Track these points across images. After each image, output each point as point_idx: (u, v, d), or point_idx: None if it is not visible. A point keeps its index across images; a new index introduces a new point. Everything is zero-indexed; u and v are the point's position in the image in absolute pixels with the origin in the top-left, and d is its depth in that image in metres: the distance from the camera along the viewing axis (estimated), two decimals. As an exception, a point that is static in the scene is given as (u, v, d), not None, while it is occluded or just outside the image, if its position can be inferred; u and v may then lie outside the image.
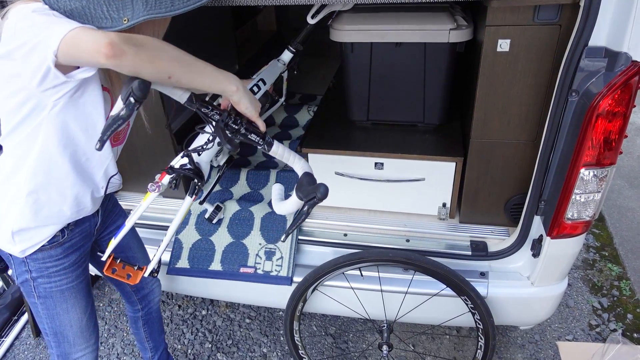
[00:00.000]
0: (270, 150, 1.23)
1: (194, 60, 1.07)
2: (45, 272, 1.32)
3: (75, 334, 1.45)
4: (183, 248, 1.95)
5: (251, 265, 1.87)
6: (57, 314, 1.39)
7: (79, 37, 0.95)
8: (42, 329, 1.44)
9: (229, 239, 1.94)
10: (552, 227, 1.56)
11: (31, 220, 1.23)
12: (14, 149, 1.18)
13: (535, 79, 1.53)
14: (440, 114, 1.95)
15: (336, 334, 2.35)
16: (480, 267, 1.80)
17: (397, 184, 1.89)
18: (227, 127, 1.18)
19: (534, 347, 2.24)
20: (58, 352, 1.46)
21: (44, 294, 1.35)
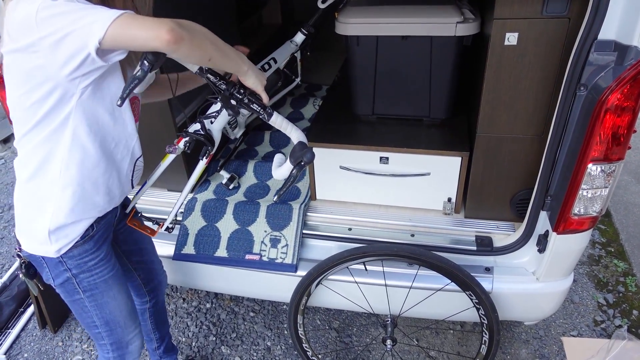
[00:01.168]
0: (270, 119, 1.31)
1: (222, 42, 1.13)
2: (85, 267, 1.32)
3: (126, 317, 1.48)
4: (189, 234, 1.96)
5: (256, 252, 1.88)
6: (106, 302, 1.40)
7: (132, 23, 0.96)
8: (88, 324, 1.44)
9: (235, 225, 1.95)
10: (558, 223, 1.55)
11: (68, 216, 1.22)
12: (38, 147, 1.15)
13: (543, 73, 1.51)
14: (446, 108, 1.93)
15: (340, 328, 2.35)
16: (486, 262, 1.79)
17: (402, 179, 1.88)
18: (232, 96, 1.30)
19: (538, 342, 2.23)
20: (112, 340, 1.48)
21: (89, 287, 1.35)
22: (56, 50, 0.98)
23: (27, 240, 1.28)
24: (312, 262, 1.80)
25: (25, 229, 1.27)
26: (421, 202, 1.94)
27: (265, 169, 2.24)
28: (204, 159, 1.60)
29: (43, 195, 1.20)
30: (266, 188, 2.17)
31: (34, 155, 1.17)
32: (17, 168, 1.23)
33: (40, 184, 1.19)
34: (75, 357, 2.28)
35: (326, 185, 2.01)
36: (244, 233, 1.93)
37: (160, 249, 1.93)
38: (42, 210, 1.21)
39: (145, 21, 0.97)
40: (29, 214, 1.25)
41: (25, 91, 1.07)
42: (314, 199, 2.06)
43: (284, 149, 2.44)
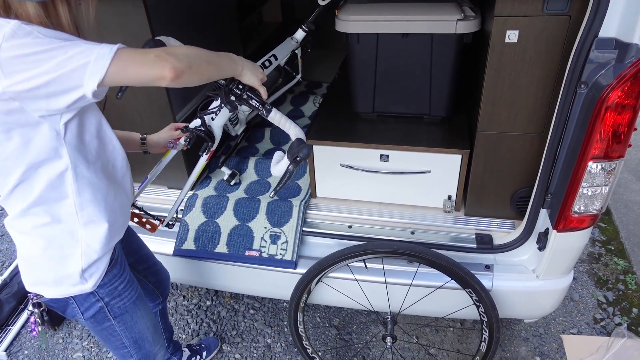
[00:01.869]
0: (268, 115, 1.31)
1: (213, 55, 1.13)
2: (116, 292, 1.31)
3: (152, 332, 1.49)
4: (189, 230, 1.96)
5: (256, 249, 1.88)
6: (135, 323, 1.40)
7: (131, 62, 0.95)
8: (116, 347, 1.43)
9: (235, 221, 1.95)
10: (558, 221, 1.55)
11: (99, 251, 1.21)
12: (40, 199, 1.10)
13: (543, 71, 1.51)
14: (446, 106, 1.93)
15: (340, 326, 2.35)
16: (486, 260, 1.79)
17: (402, 176, 1.88)
18: (231, 92, 1.31)
19: (538, 340, 2.24)
20: (140, 355, 1.48)
21: (119, 312, 1.34)
22: (36, 97, 0.92)
23: (54, 288, 1.23)
24: (312, 260, 1.80)
25: (47, 278, 1.22)
26: (421, 199, 1.94)
27: (266, 166, 2.24)
28: (205, 155, 1.63)
29: (64, 241, 1.17)
30: (267, 185, 2.17)
31: (38, 208, 1.11)
32: (13, 225, 1.17)
33: (54, 232, 1.15)
34: (76, 354, 2.29)
35: (326, 182, 2.01)
36: (244, 229, 1.93)
37: (161, 247, 1.94)
38: (69, 255, 1.18)
39: (144, 60, 0.96)
40: (49, 264, 1.20)
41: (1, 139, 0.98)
42: (314, 197, 2.06)
43: (284, 145, 2.44)
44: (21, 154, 1.02)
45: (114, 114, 1.96)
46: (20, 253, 1.21)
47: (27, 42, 0.89)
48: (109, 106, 1.81)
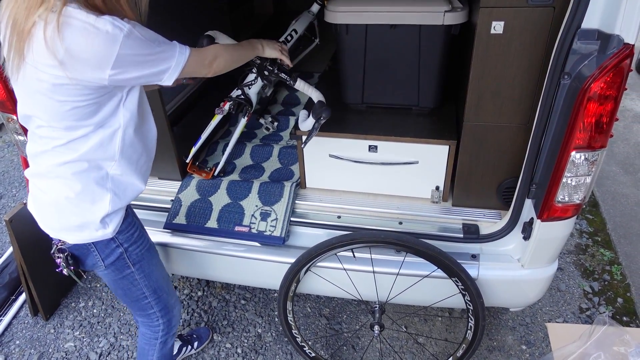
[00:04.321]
0: (295, 84, 1.78)
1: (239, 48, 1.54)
2: (133, 239, 1.42)
3: (168, 283, 1.62)
4: (182, 205, 2.02)
5: (246, 225, 1.92)
6: (152, 271, 1.51)
7: (193, 68, 1.27)
8: (137, 297, 1.52)
9: (227, 199, 2.00)
10: (542, 210, 1.58)
11: (123, 201, 1.35)
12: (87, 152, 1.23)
13: (528, 62, 1.53)
14: (434, 97, 1.95)
15: (330, 316, 2.38)
16: (472, 249, 1.82)
17: (390, 167, 1.90)
18: (265, 68, 1.79)
19: (524, 329, 2.27)
20: (160, 307, 1.59)
21: (137, 258, 1.45)
22: (124, 82, 1.16)
23: (77, 233, 1.33)
24: (302, 249, 1.81)
25: (72, 223, 1.32)
26: (409, 190, 1.96)
27: (261, 152, 2.31)
28: (244, 117, 2.07)
29: (96, 188, 1.29)
30: (261, 169, 2.22)
31: (84, 159, 1.24)
32: (51, 171, 1.27)
33: (90, 178, 1.28)
34: (67, 344, 2.30)
35: (316, 173, 2.03)
36: (236, 207, 1.97)
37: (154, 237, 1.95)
38: (99, 200, 1.30)
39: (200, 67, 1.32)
40: (79, 208, 1.30)
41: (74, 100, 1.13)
42: (303, 187, 2.08)
43: (282, 132, 2.51)
44: (93, 115, 1.19)
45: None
46: (50, 199, 1.31)
47: (137, 44, 1.11)
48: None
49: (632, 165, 3.37)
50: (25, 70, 1.10)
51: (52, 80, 1.08)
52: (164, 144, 2.04)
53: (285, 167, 2.22)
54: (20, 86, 1.16)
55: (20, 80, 1.13)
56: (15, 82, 1.16)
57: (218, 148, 2.38)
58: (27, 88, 1.14)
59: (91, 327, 2.37)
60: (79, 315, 2.43)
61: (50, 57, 1.04)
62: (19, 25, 1.05)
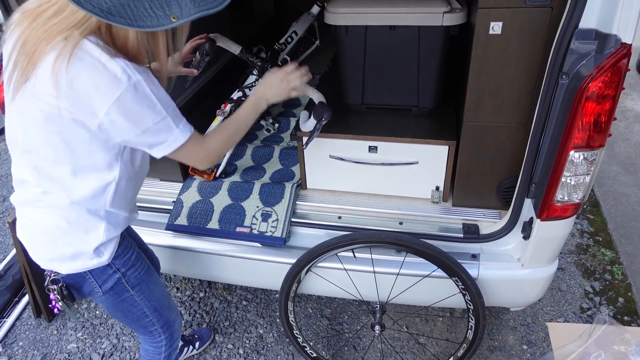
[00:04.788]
0: None
1: (240, 120, 1.39)
2: (130, 262, 1.38)
3: (168, 299, 1.60)
4: (183, 207, 2.03)
5: (247, 225, 1.93)
6: (152, 290, 1.48)
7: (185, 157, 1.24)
8: (138, 317, 1.49)
9: (228, 201, 2.02)
10: (542, 210, 1.58)
11: (115, 231, 1.32)
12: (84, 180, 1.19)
13: (527, 62, 1.54)
14: (434, 98, 1.96)
15: (331, 316, 2.38)
16: (472, 249, 1.82)
17: (390, 168, 1.91)
18: (266, 69, 1.83)
19: (525, 329, 2.27)
20: (162, 323, 1.57)
21: (136, 281, 1.41)
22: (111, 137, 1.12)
23: (70, 263, 1.29)
24: (302, 250, 1.82)
25: (65, 253, 1.27)
26: (409, 190, 1.97)
27: (262, 153, 2.32)
28: None
29: (90, 218, 1.25)
30: (262, 170, 2.23)
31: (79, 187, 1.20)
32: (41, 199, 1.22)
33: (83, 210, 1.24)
34: (70, 345, 2.31)
35: (316, 174, 2.04)
36: (237, 208, 1.99)
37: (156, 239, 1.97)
38: (92, 230, 1.27)
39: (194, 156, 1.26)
40: (71, 238, 1.26)
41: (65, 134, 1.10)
42: (304, 188, 2.09)
43: (283, 133, 2.51)
44: (84, 158, 1.15)
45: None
46: (41, 228, 1.26)
47: (140, 99, 1.05)
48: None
49: (633, 165, 3.37)
50: (25, 93, 1.06)
51: (48, 109, 1.05)
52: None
53: (286, 168, 2.24)
54: (14, 106, 1.12)
55: (17, 101, 1.09)
56: (10, 100, 1.12)
57: None
58: (22, 111, 1.10)
59: (94, 328, 2.38)
60: (81, 317, 2.44)
61: (52, 86, 1.01)
62: (29, 47, 1.02)
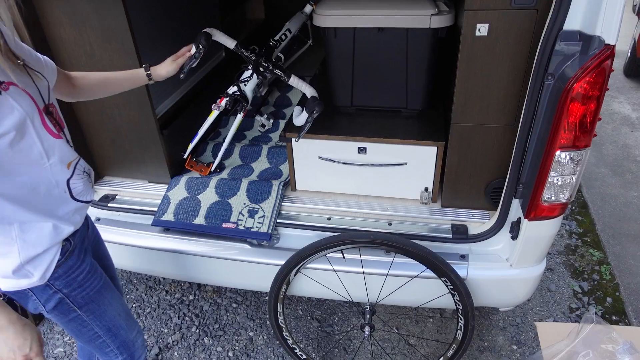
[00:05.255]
0: (289, 80, 1.88)
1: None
2: (75, 283, 1.30)
3: (125, 318, 1.49)
4: (170, 203, 2.02)
5: (233, 221, 1.94)
6: (104, 311, 1.39)
7: None
8: (90, 337, 1.42)
9: (215, 197, 2.02)
10: (529, 210, 1.59)
11: (37, 248, 1.20)
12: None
13: (513, 63, 1.55)
14: (423, 99, 1.97)
15: (322, 318, 2.38)
16: (461, 249, 1.83)
17: (380, 169, 1.91)
18: (260, 64, 1.93)
19: (515, 329, 2.29)
20: (118, 343, 1.48)
21: (84, 301, 1.33)
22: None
23: (3, 280, 1.21)
24: (292, 251, 1.82)
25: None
26: (399, 191, 1.98)
27: (250, 152, 2.32)
28: (241, 113, 2.10)
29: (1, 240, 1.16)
30: (250, 169, 2.24)
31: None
32: None
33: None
34: (57, 350, 2.28)
35: (305, 175, 2.04)
36: (224, 205, 1.99)
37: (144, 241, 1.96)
38: (7, 252, 1.17)
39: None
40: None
41: None
42: (293, 189, 2.09)
43: (272, 133, 2.52)
44: None
45: (93, 109, 1.98)
46: None
47: None
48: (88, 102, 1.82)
49: (620, 166, 3.41)
50: None
51: None
52: (153, 147, 2.05)
53: (274, 167, 2.24)
54: None
55: None
56: None
57: (208, 149, 2.38)
58: None
59: (81, 332, 2.36)
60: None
61: None
62: None
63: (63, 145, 1.23)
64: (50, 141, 1.18)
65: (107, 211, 2.09)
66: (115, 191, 2.15)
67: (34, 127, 1.12)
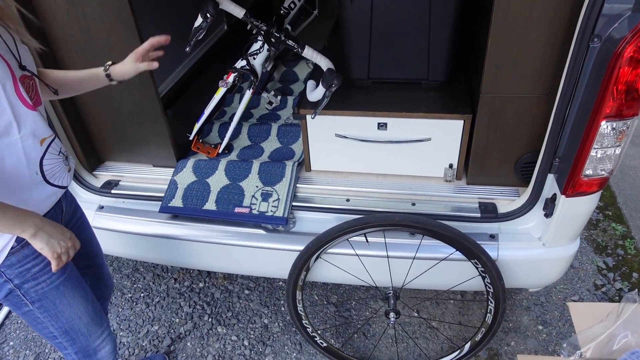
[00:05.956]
0: (303, 52, 1.71)
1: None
2: (29, 275, 1.19)
3: (88, 323, 1.36)
4: (178, 188, 1.90)
5: (246, 206, 1.82)
6: (60, 311, 1.28)
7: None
8: (46, 335, 1.32)
9: (226, 181, 1.90)
10: (567, 185, 1.49)
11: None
12: None
13: (551, 26, 1.41)
14: (446, 69, 1.83)
15: (338, 303, 2.29)
16: (490, 229, 1.73)
17: (401, 145, 1.79)
18: (272, 35, 1.75)
19: (540, 309, 2.21)
20: (76, 349, 1.37)
21: (37, 297, 1.23)
22: None
23: None
24: (309, 236, 1.71)
25: None
26: (421, 169, 1.86)
27: (259, 132, 2.19)
28: (250, 90, 1.98)
29: None
30: (260, 149, 2.12)
31: None
32: None
33: None
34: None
35: (321, 154, 1.91)
36: (235, 188, 1.87)
37: (149, 228, 1.84)
38: None
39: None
40: None
41: None
42: (308, 170, 1.97)
43: (280, 110, 2.38)
44: None
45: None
46: None
47: None
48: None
49: (639, 136, 3.30)
50: None
51: None
52: (157, 128, 1.92)
53: (285, 146, 2.12)
54: None
55: None
56: None
57: (214, 129, 2.25)
58: None
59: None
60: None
61: None
62: None
63: (37, 118, 1.12)
64: (22, 110, 1.08)
65: (111, 198, 1.97)
66: (118, 177, 2.02)
67: (5, 93, 1.02)
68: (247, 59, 1.89)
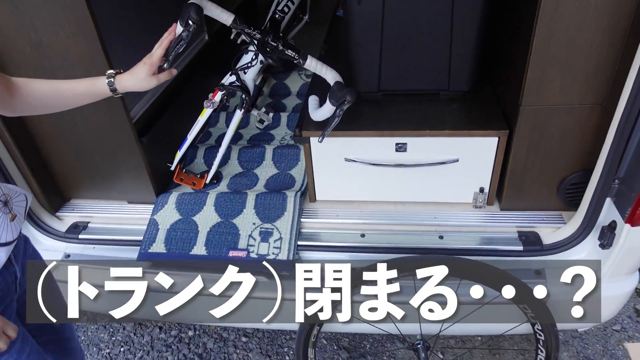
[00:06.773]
0: (305, 63, 1.43)
1: None
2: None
3: None
4: (159, 230, 1.62)
5: (243, 248, 1.56)
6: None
7: None
8: None
9: (217, 218, 1.62)
10: (633, 212, 1.23)
11: None
12: None
13: (610, 22, 1.17)
14: (469, 77, 1.58)
15: (350, 347, 2.00)
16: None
17: (424, 169, 1.52)
18: (267, 44, 1.48)
19: (578, 342, 1.95)
20: None
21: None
22: None
23: None
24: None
25: None
26: (446, 195, 1.60)
27: (251, 156, 1.92)
28: (241, 109, 1.75)
29: None
30: (254, 177, 1.84)
31: None
32: None
33: None
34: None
35: (328, 182, 1.63)
36: (228, 226, 1.60)
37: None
38: None
39: None
40: None
41: None
42: (313, 201, 1.69)
43: (272, 130, 2.11)
44: None
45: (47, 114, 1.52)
46: None
47: None
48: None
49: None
50: None
51: None
52: (131, 158, 1.62)
53: (283, 172, 1.84)
54: None
55: None
56: None
57: (198, 155, 1.96)
58: None
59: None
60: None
61: None
62: None
63: None
64: None
65: (79, 244, 1.65)
66: (87, 218, 1.72)
67: None
68: (236, 74, 1.61)
